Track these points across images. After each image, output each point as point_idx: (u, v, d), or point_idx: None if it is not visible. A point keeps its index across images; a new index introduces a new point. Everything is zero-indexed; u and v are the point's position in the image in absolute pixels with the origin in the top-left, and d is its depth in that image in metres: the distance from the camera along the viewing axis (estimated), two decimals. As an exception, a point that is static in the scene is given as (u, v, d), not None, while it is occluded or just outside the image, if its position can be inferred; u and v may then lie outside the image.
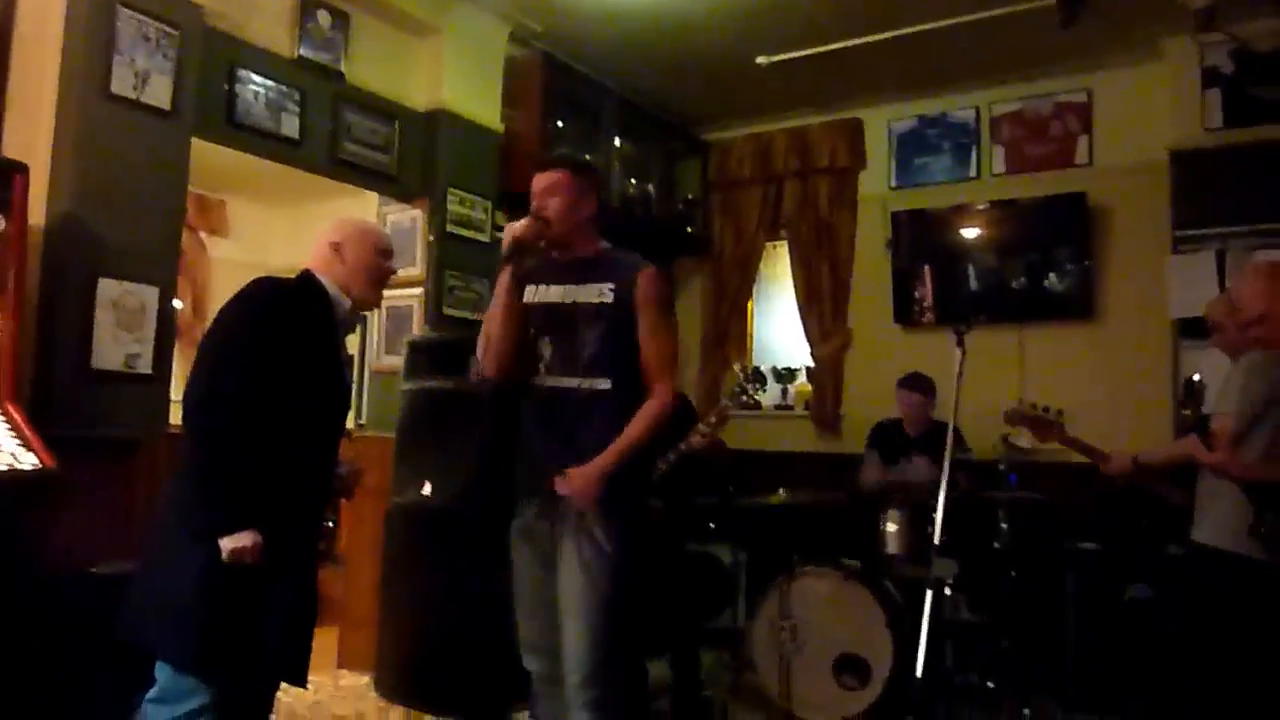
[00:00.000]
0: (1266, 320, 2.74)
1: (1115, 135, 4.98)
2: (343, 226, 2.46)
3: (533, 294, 2.58)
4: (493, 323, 2.56)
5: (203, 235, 6.77)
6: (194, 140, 3.55)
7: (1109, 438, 3.36)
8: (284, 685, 2.41)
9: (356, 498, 4.58)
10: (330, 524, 2.56)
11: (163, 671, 2.17)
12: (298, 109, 3.96)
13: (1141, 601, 3.86)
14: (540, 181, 2.59)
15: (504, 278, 2.54)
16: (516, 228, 2.51)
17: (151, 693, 2.18)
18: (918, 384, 4.49)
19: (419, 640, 3.95)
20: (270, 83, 3.86)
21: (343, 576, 4.56)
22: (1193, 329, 4.33)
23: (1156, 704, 3.02)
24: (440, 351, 4.16)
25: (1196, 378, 2.62)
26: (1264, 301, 2.75)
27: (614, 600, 2.41)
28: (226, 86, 3.73)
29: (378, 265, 2.44)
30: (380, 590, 4.14)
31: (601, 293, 2.54)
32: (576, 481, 2.39)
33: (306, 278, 2.38)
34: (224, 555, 2.11)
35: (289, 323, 2.26)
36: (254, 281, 2.34)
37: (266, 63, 3.86)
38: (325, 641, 4.51)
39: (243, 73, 3.77)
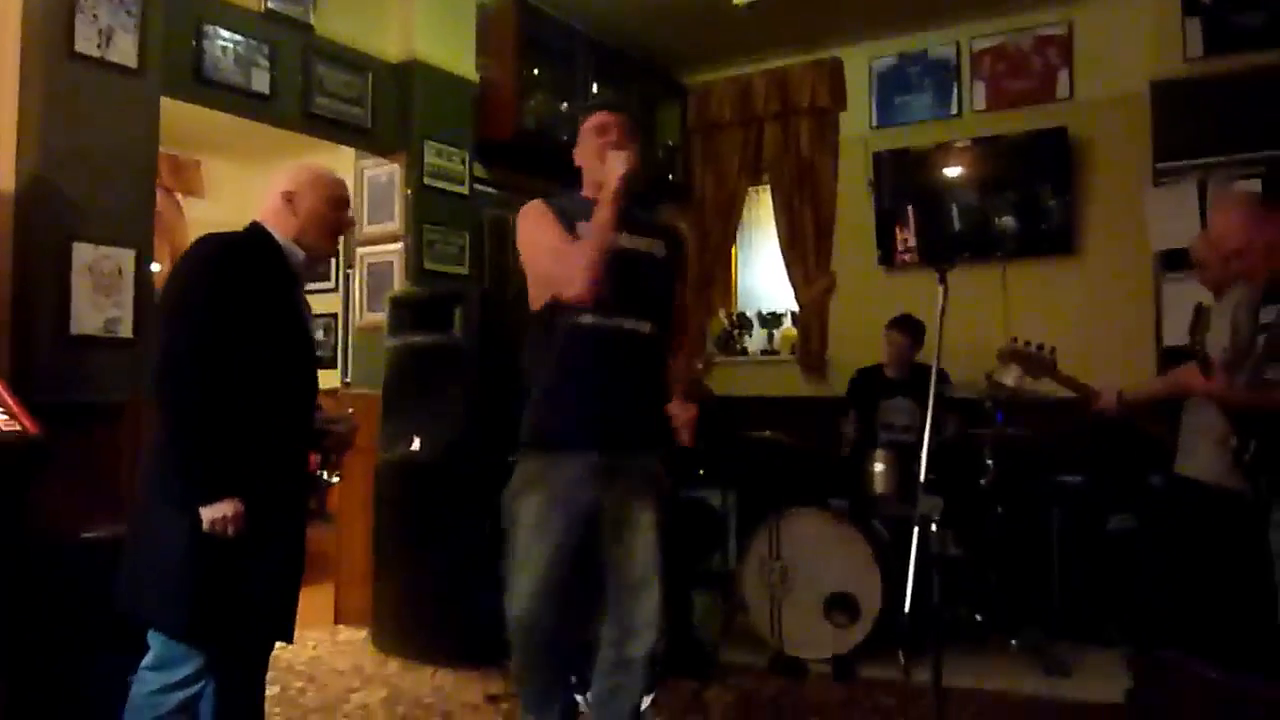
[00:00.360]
0: (1245, 253, 2.77)
1: (1096, 68, 4.94)
2: (296, 175, 2.37)
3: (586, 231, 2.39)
4: (599, 254, 2.31)
5: (179, 197, 6.69)
6: (164, 100, 3.48)
7: (1094, 372, 3.38)
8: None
9: (346, 455, 4.63)
10: (335, 479, 2.55)
11: (156, 639, 2.18)
12: (268, 63, 3.88)
13: (1124, 532, 3.92)
14: (624, 123, 2.53)
15: (611, 213, 2.33)
16: (630, 160, 2.36)
17: (147, 660, 2.19)
18: (908, 327, 4.52)
19: (414, 593, 4.01)
20: (239, 37, 3.77)
21: (336, 533, 4.58)
22: (1174, 261, 4.34)
23: (1138, 632, 3.09)
24: (423, 306, 4.15)
25: (1205, 304, 2.62)
26: (1242, 234, 2.78)
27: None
28: (194, 42, 3.64)
29: (330, 217, 2.37)
30: (374, 546, 4.19)
31: (656, 246, 2.54)
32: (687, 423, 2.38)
33: (254, 230, 2.31)
34: (204, 526, 2.09)
35: (240, 277, 2.19)
36: (199, 240, 2.28)
37: (234, 17, 3.77)
38: (322, 598, 4.57)
39: (210, 28, 3.68)
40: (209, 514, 2.09)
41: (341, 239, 2.46)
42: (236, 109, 3.88)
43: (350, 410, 2.58)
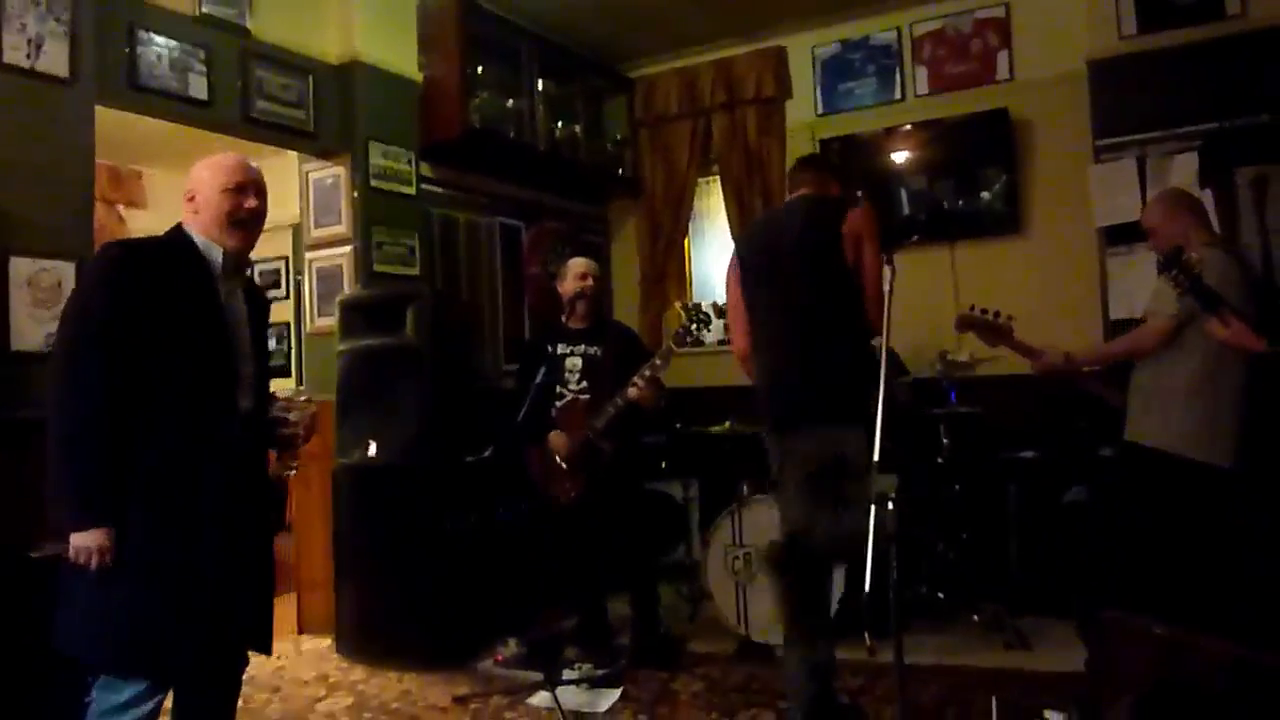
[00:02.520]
0: (1155, 234, 3.22)
1: (1034, 48, 5.02)
2: (194, 172, 2.29)
3: None
4: None
5: (120, 209, 6.56)
6: (100, 109, 3.41)
7: (1094, 344, 3.45)
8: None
9: (302, 463, 4.57)
10: (291, 471, 2.42)
11: None
12: (204, 68, 3.81)
13: (1079, 504, 3.99)
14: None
15: None
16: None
17: (98, 681, 2.11)
18: None
19: (376, 598, 3.98)
20: (173, 42, 3.70)
21: (295, 542, 4.53)
22: (1117, 236, 4.43)
23: (1090, 599, 3.15)
24: (374, 309, 4.11)
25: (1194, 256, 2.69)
26: (1154, 221, 3.24)
27: None
28: (127, 49, 3.57)
29: (226, 206, 2.23)
30: (334, 552, 4.14)
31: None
32: None
33: (173, 231, 2.25)
34: (70, 552, 1.98)
35: (142, 282, 2.09)
36: (102, 246, 2.22)
37: (167, 21, 3.70)
38: (283, 608, 4.49)
39: (143, 33, 3.61)
40: (76, 540, 1.99)
41: (245, 228, 2.28)
42: (174, 115, 3.81)
43: (305, 397, 2.48)
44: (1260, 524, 2.83)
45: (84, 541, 1.99)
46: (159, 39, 3.66)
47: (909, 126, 5.23)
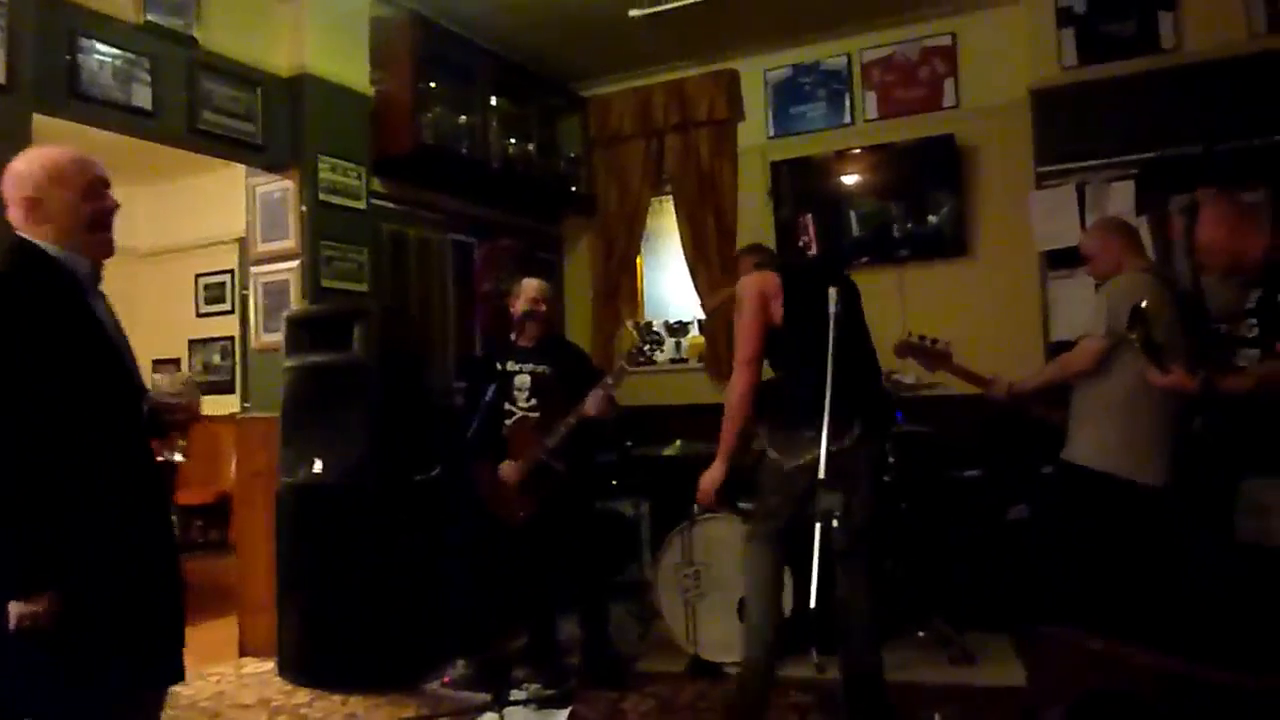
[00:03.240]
0: (1092, 260, 3.33)
1: (979, 77, 5.14)
2: (30, 173, 1.99)
3: None
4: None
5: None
6: (39, 118, 3.34)
7: (987, 368, 3.52)
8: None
9: (245, 481, 4.49)
10: (179, 457, 2.27)
11: None
12: (149, 77, 3.74)
13: (1021, 522, 4.07)
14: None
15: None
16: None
17: None
18: None
19: (320, 620, 3.91)
20: (116, 50, 3.63)
21: (237, 563, 4.43)
22: (1059, 260, 4.54)
23: (1029, 615, 3.21)
24: (321, 325, 4.06)
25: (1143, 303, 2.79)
26: (1091, 247, 3.35)
27: None
28: (68, 56, 3.49)
29: (88, 209, 2.02)
30: (277, 573, 4.06)
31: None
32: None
33: (22, 251, 1.97)
34: (11, 623, 1.82)
35: (18, 317, 1.89)
36: None
37: (111, 29, 3.63)
38: (224, 631, 4.41)
39: (85, 41, 3.54)
40: (18, 610, 1.83)
41: (109, 231, 2.08)
42: (117, 126, 3.73)
43: (187, 375, 2.34)
44: (1189, 540, 2.91)
45: (29, 608, 1.84)
46: (102, 47, 3.59)
47: (859, 150, 5.32)
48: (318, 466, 3.92)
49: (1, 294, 1.93)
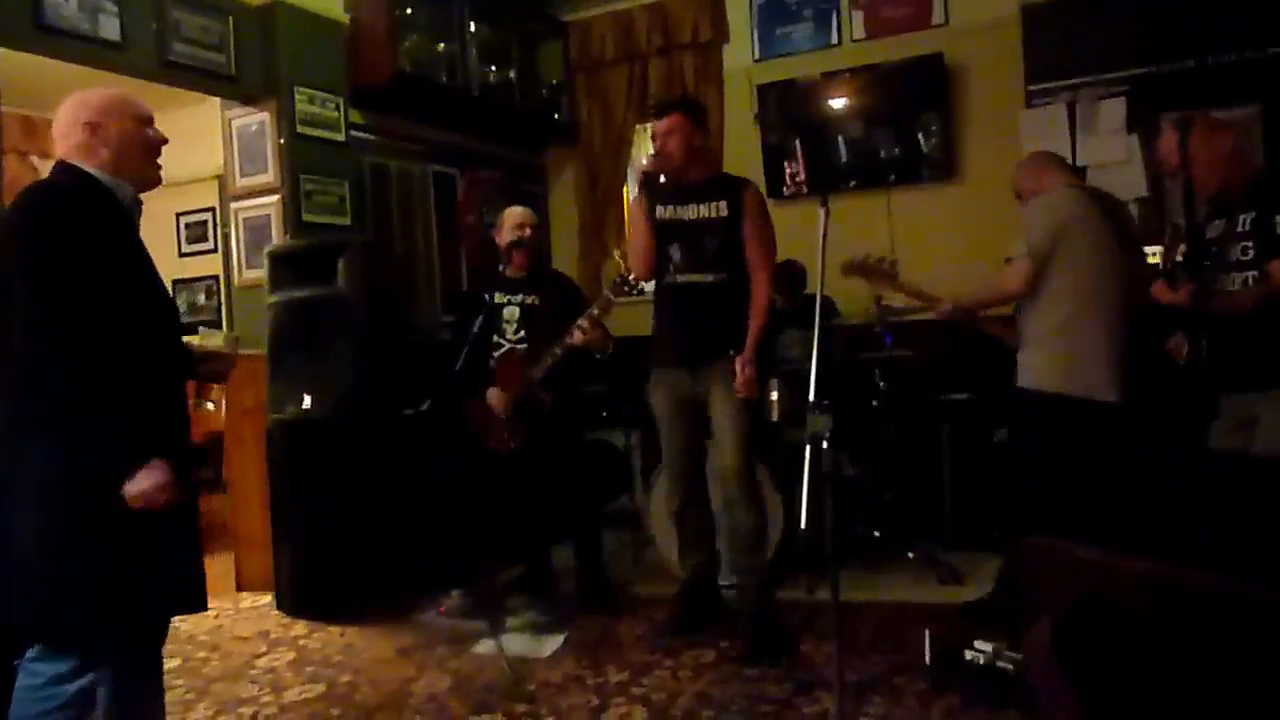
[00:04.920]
0: (1020, 194, 3.44)
1: (969, -8, 5.03)
2: (89, 102, 2.08)
3: (664, 212, 3.37)
4: (640, 238, 3.40)
5: (34, 159, 6.28)
6: (5, 52, 3.24)
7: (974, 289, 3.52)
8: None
9: (234, 419, 4.48)
10: (210, 405, 2.35)
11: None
12: (116, 8, 3.63)
13: (1006, 443, 4.11)
14: (659, 126, 3.32)
15: (641, 204, 3.40)
16: (643, 165, 3.39)
17: (32, 651, 2.03)
18: (790, 262, 4.61)
19: (316, 553, 3.94)
20: (80, -20, 3.52)
21: (231, 500, 4.45)
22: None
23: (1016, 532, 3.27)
24: (304, 260, 4.02)
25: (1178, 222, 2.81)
26: (1019, 183, 3.45)
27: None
28: (31, -13, 3.39)
29: (145, 135, 2.13)
30: (271, 509, 4.08)
31: (719, 208, 3.30)
32: (743, 381, 3.19)
33: (74, 174, 2.05)
34: (132, 501, 1.90)
35: (85, 225, 1.97)
36: (25, 193, 2.04)
37: (74, -42, 3.51)
38: (221, 567, 4.45)
39: (48, -30, 3.42)
40: (134, 488, 1.91)
41: (157, 157, 2.19)
42: (85, 59, 3.62)
43: (228, 333, 2.42)
44: (1146, 453, 2.99)
45: (146, 483, 1.91)
46: (65, -24, 3.47)
47: (846, 73, 5.22)
48: (306, 402, 3.91)
49: (59, 207, 1.98)
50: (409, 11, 4.76)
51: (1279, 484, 2.42)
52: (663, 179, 3.42)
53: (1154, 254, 4.18)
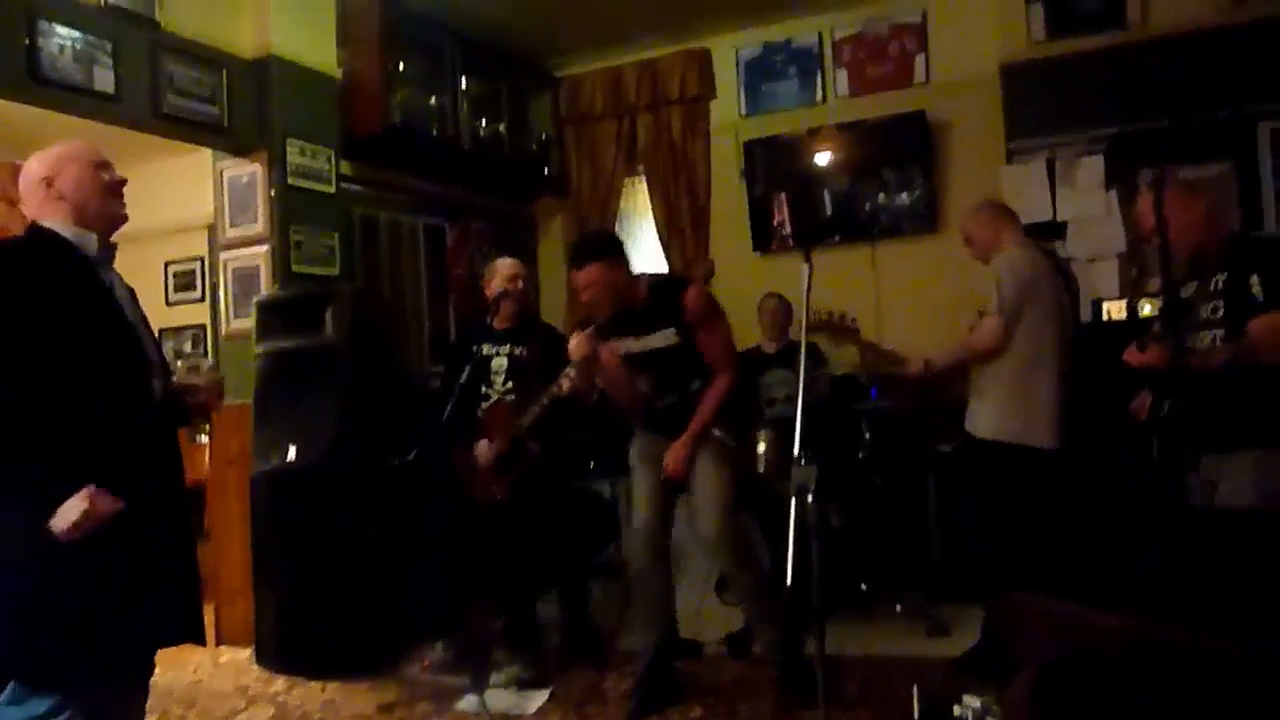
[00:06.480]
0: (971, 241, 3.58)
1: (949, 52, 5.15)
2: (43, 159, 2.14)
3: (618, 348, 3.38)
4: (620, 390, 3.47)
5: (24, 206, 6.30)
6: (-1, 103, 3.28)
7: (946, 348, 3.59)
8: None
9: (219, 469, 4.44)
10: (203, 438, 2.34)
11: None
12: (111, 61, 3.68)
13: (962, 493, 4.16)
14: (579, 279, 3.29)
15: (598, 372, 3.44)
16: (578, 350, 3.33)
17: (3, 696, 2.00)
18: (777, 295, 4.73)
19: (297, 607, 3.89)
20: (76, 33, 3.57)
21: (212, 550, 4.40)
22: (1028, 235, 4.56)
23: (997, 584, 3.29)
24: (292, 309, 4.03)
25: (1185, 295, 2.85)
26: (969, 228, 3.58)
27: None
28: (27, 40, 3.43)
29: (101, 179, 2.16)
30: (253, 560, 4.04)
31: (667, 336, 3.29)
32: (670, 462, 3.28)
33: (33, 231, 2.10)
34: (63, 532, 1.90)
35: (31, 284, 1.99)
36: None
37: (71, 12, 3.57)
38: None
39: (44, 24, 3.47)
40: (59, 523, 1.90)
41: (122, 198, 2.24)
42: (79, 110, 3.67)
43: (209, 362, 2.41)
44: (1088, 497, 3.07)
45: (73, 513, 1.90)
46: (62, 29, 3.52)
47: (830, 128, 5.31)
48: (291, 453, 3.89)
49: (6, 263, 2.02)
50: (401, 65, 4.83)
51: (1243, 537, 2.44)
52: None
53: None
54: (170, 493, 2.22)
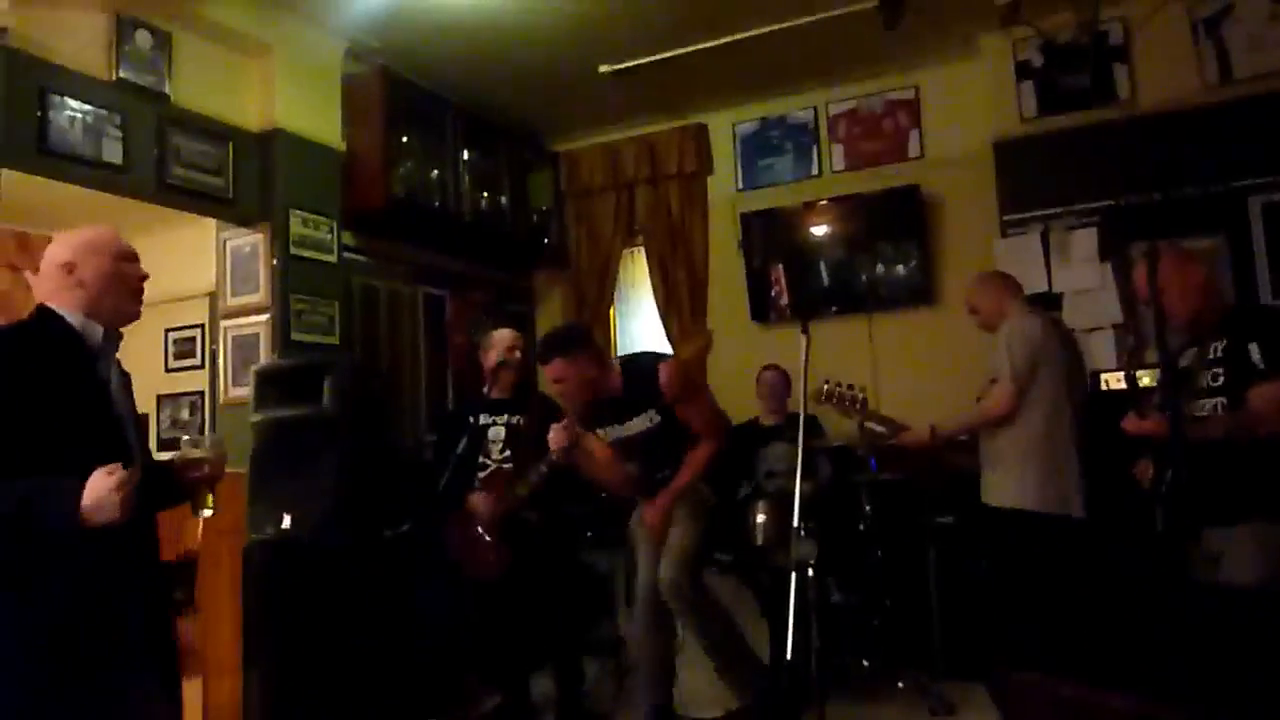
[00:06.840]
0: (977, 311, 3.63)
1: (943, 128, 5.25)
2: (68, 243, 2.12)
3: (605, 435, 3.49)
4: (614, 476, 3.60)
5: (28, 275, 6.35)
6: (7, 172, 3.31)
7: (955, 415, 3.58)
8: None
9: (211, 539, 4.39)
10: (206, 513, 2.25)
11: None
12: (120, 133, 3.74)
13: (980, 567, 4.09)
14: (547, 375, 3.37)
15: (583, 461, 3.52)
16: (556, 442, 3.37)
17: None
18: (776, 367, 4.74)
19: (290, 683, 3.79)
20: (87, 106, 3.63)
21: (201, 624, 4.32)
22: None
23: (995, 659, 3.23)
24: (290, 378, 4.01)
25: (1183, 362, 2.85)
26: (974, 298, 3.67)
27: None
28: (38, 112, 3.49)
29: (124, 273, 2.15)
30: (244, 634, 3.96)
31: (649, 419, 3.35)
32: (648, 515, 3.46)
33: (39, 313, 2.08)
34: (112, 505, 1.84)
35: (24, 371, 1.95)
36: None
37: (82, 86, 3.63)
38: (188, 695, 4.26)
39: (55, 97, 3.54)
40: (89, 507, 1.84)
41: (141, 297, 2.21)
42: (86, 181, 3.71)
43: (216, 436, 2.34)
44: (1118, 567, 3.04)
45: (97, 493, 1.85)
46: (73, 103, 3.59)
47: (826, 201, 5.39)
48: (286, 523, 3.84)
49: (11, 347, 2.00)
50: (404, 139, 4.92)
51: (1248, 614, 2.41)
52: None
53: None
54: (144, 574, 2.14)
